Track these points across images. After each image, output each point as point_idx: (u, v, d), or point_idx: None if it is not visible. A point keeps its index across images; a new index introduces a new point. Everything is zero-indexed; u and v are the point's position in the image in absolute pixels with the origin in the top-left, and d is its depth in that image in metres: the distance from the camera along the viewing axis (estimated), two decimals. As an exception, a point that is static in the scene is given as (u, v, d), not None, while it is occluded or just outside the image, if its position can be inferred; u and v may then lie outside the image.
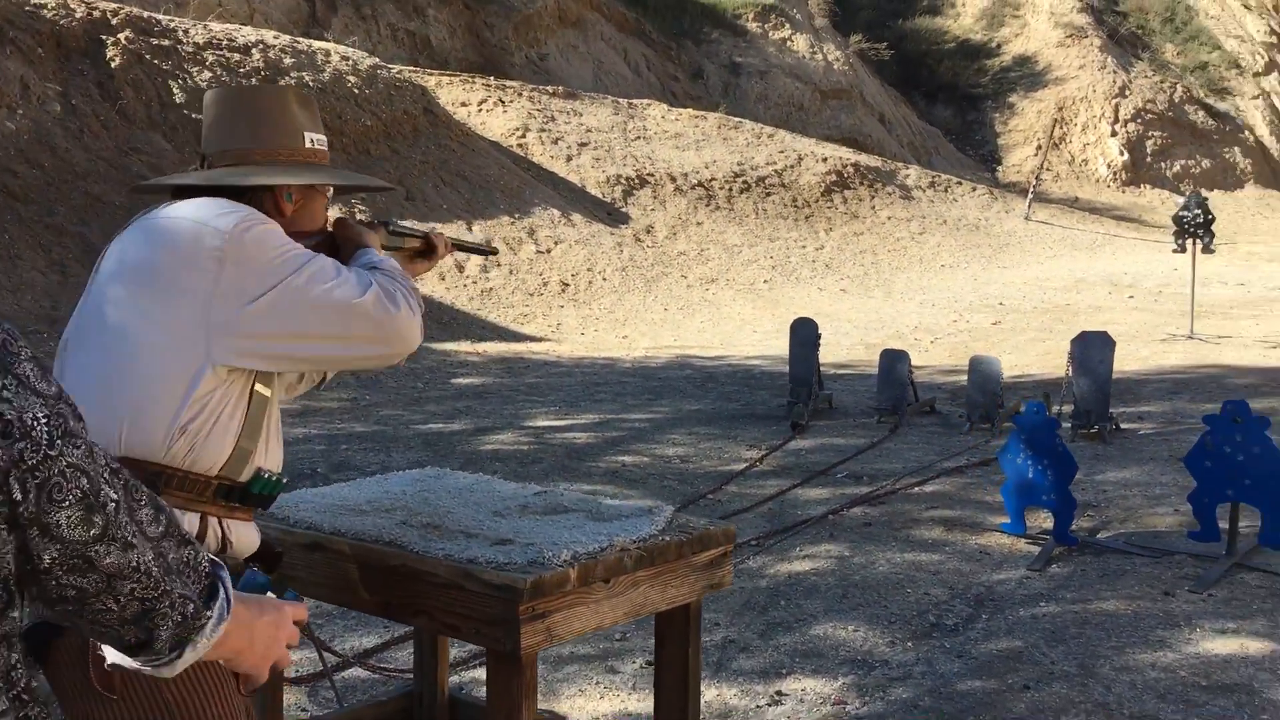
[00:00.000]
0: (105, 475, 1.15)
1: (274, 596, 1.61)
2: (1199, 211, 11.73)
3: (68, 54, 11.97)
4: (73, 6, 12.36)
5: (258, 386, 1.84)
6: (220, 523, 1.82)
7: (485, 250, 2.75)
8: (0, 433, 1.06)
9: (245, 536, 1.87)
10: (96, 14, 12.53)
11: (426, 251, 2.29)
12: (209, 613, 1.26)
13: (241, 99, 2.07)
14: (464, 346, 11.36)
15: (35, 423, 1.08)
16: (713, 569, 2.31)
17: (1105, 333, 7.70)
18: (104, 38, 12.34)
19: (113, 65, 12.19)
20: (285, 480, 1.90)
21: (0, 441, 1.06)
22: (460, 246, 2.49)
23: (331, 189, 2.10)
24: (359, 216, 2.36)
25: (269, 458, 1.88)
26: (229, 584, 1.31)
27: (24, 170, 10.60)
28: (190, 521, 1.80)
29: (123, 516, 1.16)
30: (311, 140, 2.04)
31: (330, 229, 2.10)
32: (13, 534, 1.08)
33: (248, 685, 1.69)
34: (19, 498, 1.07)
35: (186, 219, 1.83)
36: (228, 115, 2.02)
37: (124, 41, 12.44)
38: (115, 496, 1.15)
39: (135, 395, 1.75)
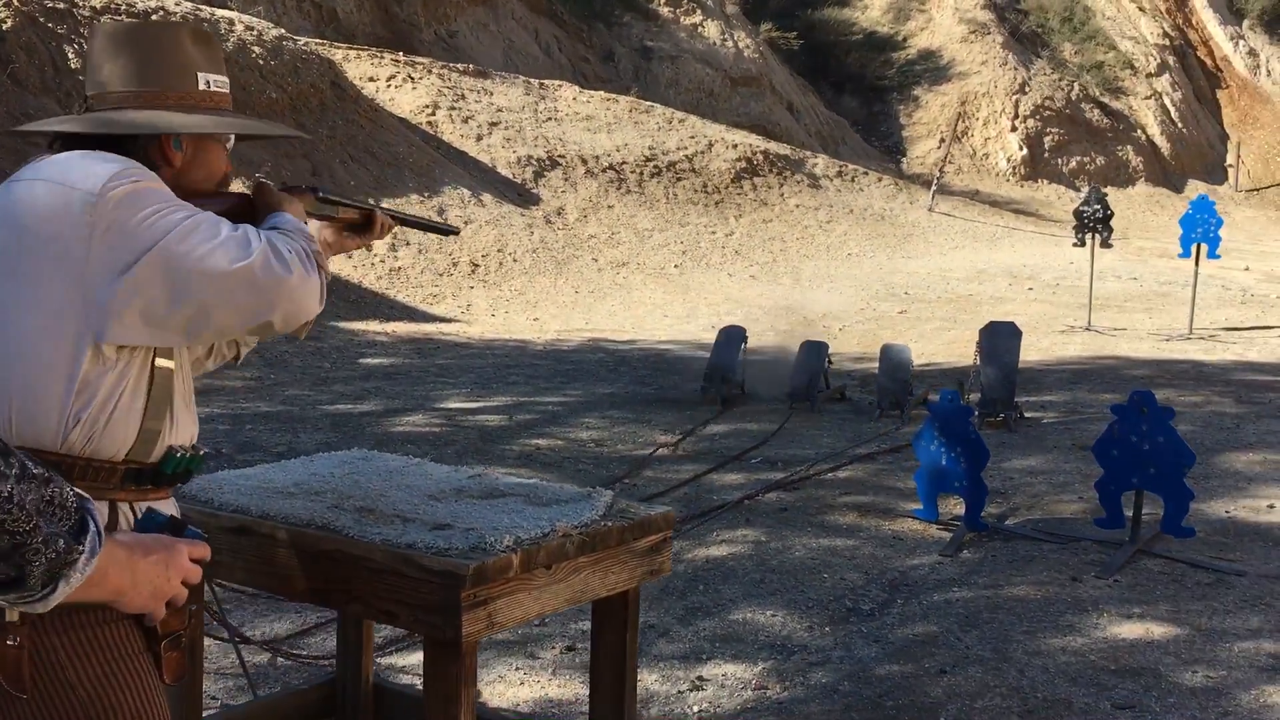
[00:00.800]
0: None
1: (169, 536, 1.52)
2: (1099, 207, 12.06)
3: (-46, 13, 11.42)
4: (-40, -37, 11.79)
5: (159, 361, 1.71)
6: (132, 507, 1.71)
7: (445, 230, 2.55)
8: None
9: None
10: (63, 7, 11.97)
11: (362, 226, 2.18)
12: (80, 547, 1.22)
13: (128, 35, 1.84)
14: (372, 326, 11.17)
15: None
16: (653, 555, 2.29)
17: (1013, 323, 7.87)
18: (-6, -3, 11.81)
19: (3, 28, 11.67)
20: (204, 453, 1.80)
21: None
22: (409, 223, 2.37)
23: (232, 138, 1.89)
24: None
25: (179, 433, 1.76)
26: (98, 519, 1.27)
27: (-94, 133, 10.09)
28: (99, 511, 1.69)
29: None
30: (208, 82, 1.84)
31: (250, 194, 1.93)
32: None
33: (149, 621, 1.62)
34: None
35: (50, 182, 1.65)
36: (110, 52, 1.81)
37: (16, 4, 11.92)
38: None
39: (18, 384, 1.62)
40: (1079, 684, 3.71)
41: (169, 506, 1.79)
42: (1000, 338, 7.63)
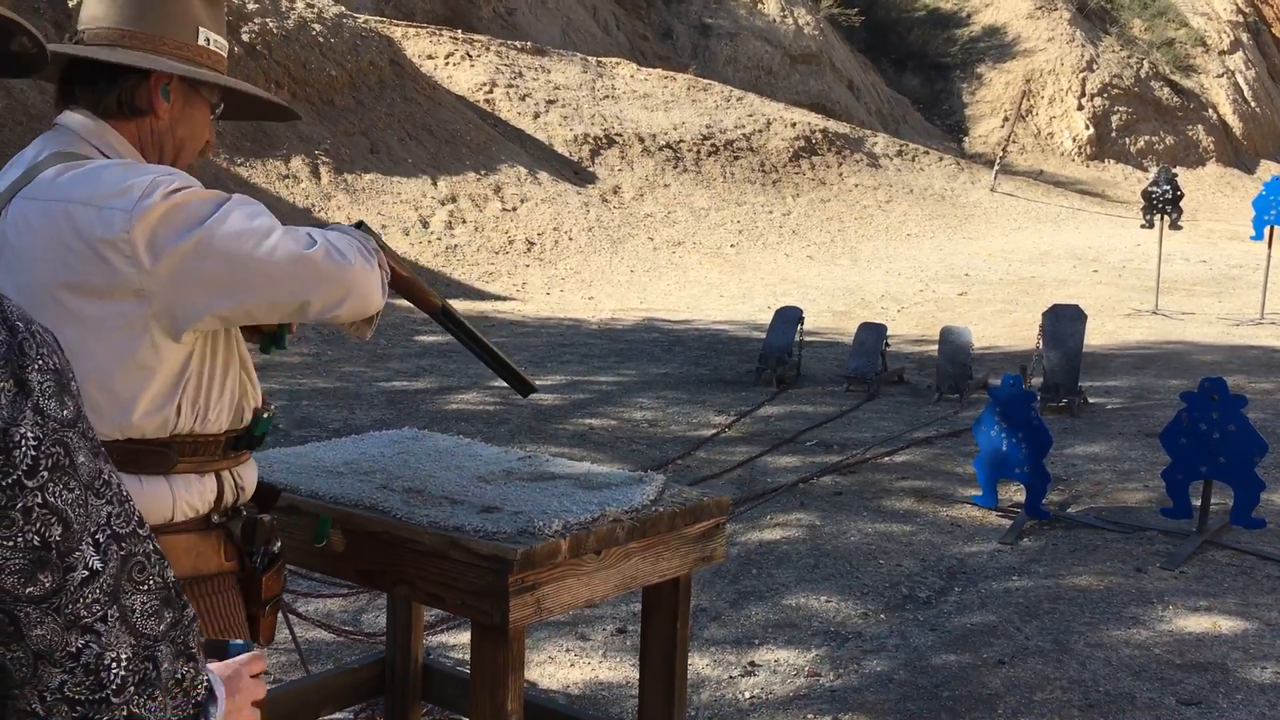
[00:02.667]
0: (97, 538, 0.93)
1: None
2: (1168, 188, 11.76)
3: (22, -9, 11.58)
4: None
5: (234, 333, 1.74)
6: (232, 474, 1.76)
7: (520, 385, 2.25)
8: None
9: (250, 477, 1.82)
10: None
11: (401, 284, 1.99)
12: None
13: None
14: (428, 304, 11.19)
15: (22, 440, 0.89)
16: (705, 541, 2.23)
17: (1077, 305, 7.69)
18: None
19: (70, 4, 11.81)
20: (274, 408, 1.81)
21: None
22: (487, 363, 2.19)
23: (221, 104, 1.82)
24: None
25: (255, 395, 1.80)
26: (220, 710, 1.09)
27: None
28: (208, 485, 1.71)
29: (92, 592, 0.93)
30: (208, 39, 1.76)
31: None
32: None
33: None
34: None
35: (79, 204, 1.58)
36: None
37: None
38: (95, 566, 0.93)
39: (116, 390, 1.61)
40: (1143, 678, 3.61)
41: (252, 467, 1.82)
42: (1064, 321, 7.46)
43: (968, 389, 7.78)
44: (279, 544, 1.82)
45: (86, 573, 0.93)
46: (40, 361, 0.92)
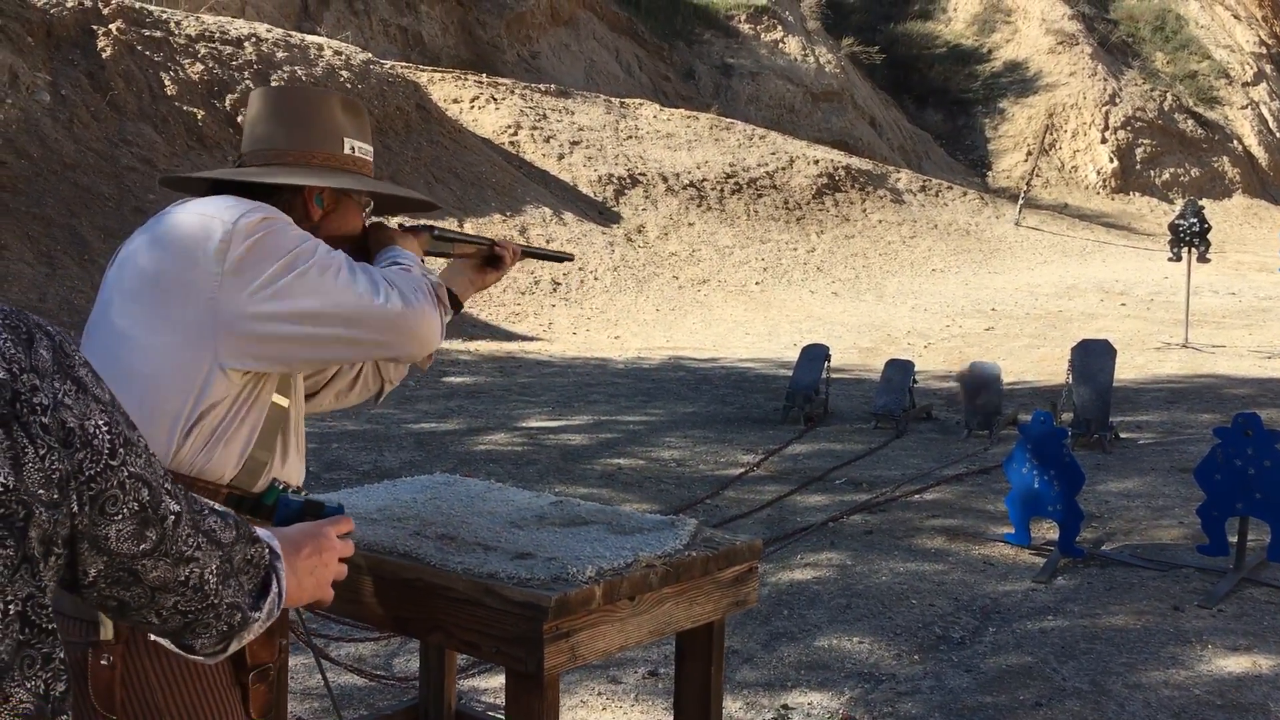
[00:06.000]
0: (167, 486, 1.09)
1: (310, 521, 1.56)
2: (1195, 220, 11.71)
3: (58, 44, 11.81)
4: (62, -5, 12.20)
5: (276, 397, 1.76)
6: None
7: (562, 257, 2.57)
8: (61, 440, 0.97)
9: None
10: (88, 4, 12.37)
11: (493, 258, 2.18)
12: (257, 614, 1.24)
13: (282, 98, 1.97)
14: (456, 344, 11.26)
15: (97, 430, 1.01)
16: (738, 585, 2.22)
17: (1106, 340, 7.65)
18: (95, 28, 12.19)
19: (103, 56, 12.04)
20: (303, 494, 1.80)
21: (62, 450, 0.97)
22: (533, 254, 2.39)
23: (372, 203, 2.01)
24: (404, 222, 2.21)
25: (288, 472, 1.80)
26: (283, 577, 1.30)
27: (12, 160, 10.44)
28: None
29: (183, 529, 1.11)
30: (353, 148, 1.94)
31: (365, 231, 2.00)
32: (65, 549, 1.01)
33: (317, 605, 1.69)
34: (76, 509, 1.00)
35: (193, 213, 1.74)
36: (266, 114, 1.93)
37: (115, 32, 12.29)
38: (176, 508, 1.10)
39: (140, 397, 1.66)
40: (1182, 719, 3.56)
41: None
42: (1093, 356, 7.41)
43: (997, 425, 7.74)
44: None
45: (174, 516, 1.09)
46: (78, 356, 1.04)
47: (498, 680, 3.75)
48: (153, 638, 1.34)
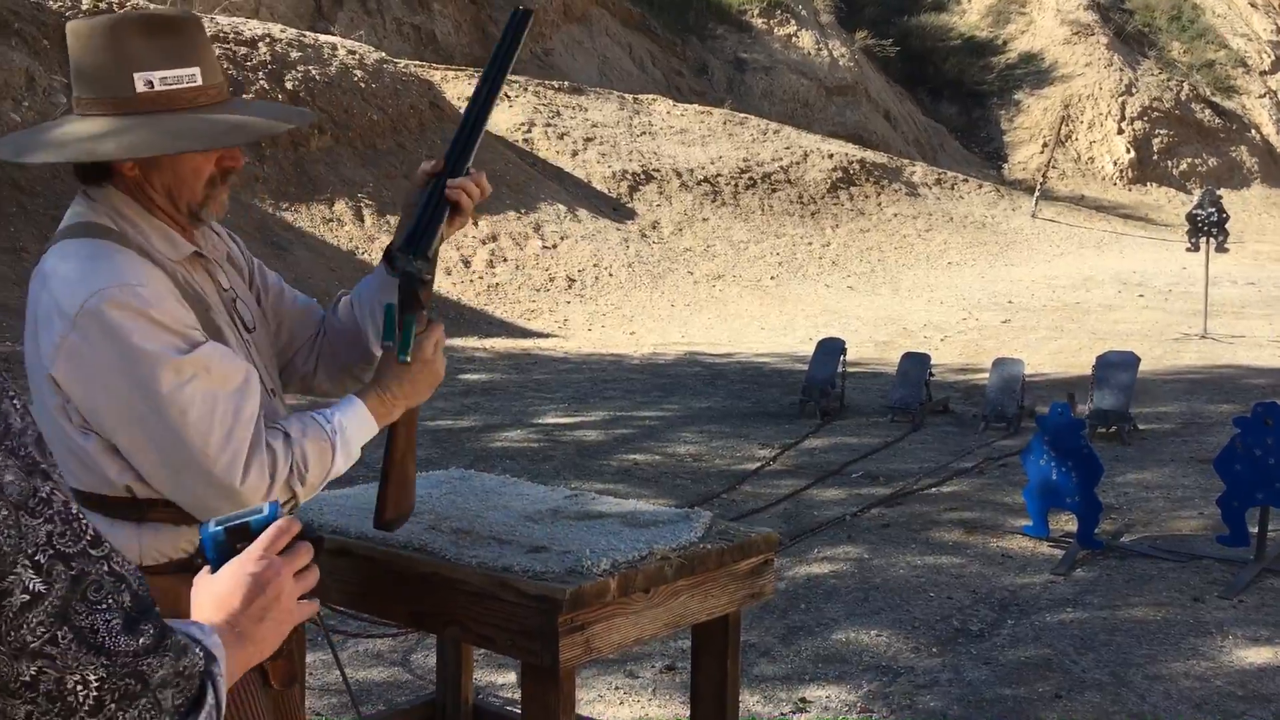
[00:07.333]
0: (37, 559, 0.86)
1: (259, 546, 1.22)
2: (1213, 210, 11.63)
3: (72, 45, 11.87)
4: (77, -2, 12.25)
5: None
6: None
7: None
8: None
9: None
10: (103, 6, 12.42)
11: (453, 207, 1.99)
12: None
13: (70, 36, 1.61)
14: (471, 342, 11.27)
15: None
16: (754, 578, 2.22)
17: (1131, 352, 7.57)
18: (109, 29, 12.23)
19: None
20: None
21: None
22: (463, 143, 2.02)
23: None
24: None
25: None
26: (221, 685, 1.03)
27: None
28: (184, 535, 1.68)
29: (36, 615, 0.86)
30: (149, 82, 1.57)
31: None
32: None
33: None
34: None
35: (50, 293, 1.59)
36: (70, 57, 1.63)
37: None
38: (36, 589, 0.86)
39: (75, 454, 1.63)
40: (1204, 711, 3.54)
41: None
42: (1115, 369, 7.30)
43: (1014, 418, 7.70)
44: None
45: (27, 596, 0.86)
46: None
47: (512, 675, 3.75)
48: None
